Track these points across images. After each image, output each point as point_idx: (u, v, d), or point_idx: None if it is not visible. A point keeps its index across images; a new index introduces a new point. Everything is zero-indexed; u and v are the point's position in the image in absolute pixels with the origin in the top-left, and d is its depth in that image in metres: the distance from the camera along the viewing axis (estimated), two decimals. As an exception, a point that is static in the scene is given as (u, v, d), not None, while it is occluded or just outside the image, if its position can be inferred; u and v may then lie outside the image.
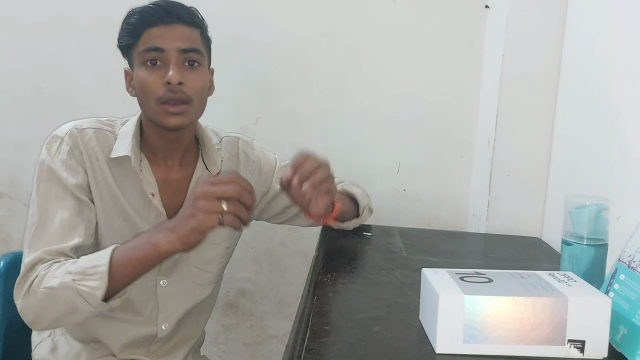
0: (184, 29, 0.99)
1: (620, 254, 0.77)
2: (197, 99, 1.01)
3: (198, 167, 1.09)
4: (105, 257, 0.86)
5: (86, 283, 0.85)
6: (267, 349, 1.64)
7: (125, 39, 1.01)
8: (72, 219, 0.96)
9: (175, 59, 0.97)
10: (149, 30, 0.98)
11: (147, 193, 1.04)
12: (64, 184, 0.98)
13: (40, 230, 0.95)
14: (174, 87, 0.96)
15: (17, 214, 1.60)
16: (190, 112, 1.00)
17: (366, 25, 1.49)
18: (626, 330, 0.70)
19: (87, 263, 0.87)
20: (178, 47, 0.98)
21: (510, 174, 1.44)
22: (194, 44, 1.00)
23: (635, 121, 1.01)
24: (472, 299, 0.68)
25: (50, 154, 0.99)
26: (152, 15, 0.98)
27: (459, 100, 1.49)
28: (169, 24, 0.98)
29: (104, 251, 0.88)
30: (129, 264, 0.86)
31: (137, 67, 0.99)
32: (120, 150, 1.02)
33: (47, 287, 0.87)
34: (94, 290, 0.85)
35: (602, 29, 1.19)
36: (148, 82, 0.97)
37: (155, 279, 1.08)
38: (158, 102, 0.97)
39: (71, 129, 1.02)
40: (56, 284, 0.87)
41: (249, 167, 1.18)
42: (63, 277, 0.87)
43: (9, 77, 1.56)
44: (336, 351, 0.70)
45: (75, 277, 0.86)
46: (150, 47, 0.97)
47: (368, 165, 1.53)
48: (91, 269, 0.86)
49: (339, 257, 1.11)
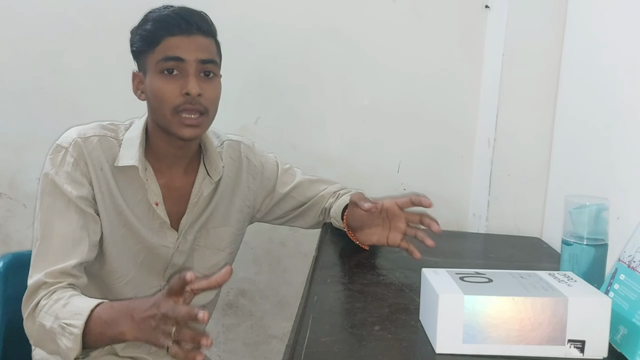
0: (203, 39, 1.00)
1: (620, 254, 0.77)
2: (213, 109, 1.02)
3: (200, 173, 1.09)
4: (82, 319, 0.84)
5: (64, 340, 0.85)
6: (267, 349, 1.64)
7: (140, 45, 1.00)
8: (75, 234, 0.96)
9: (194, 69, 0.98)
10: (168, 39, 0.98)
11: (152, 202, 1.04)
12: (67, 198, 0.97)
13: (44, 247, 0.95)
14: (194, 99, 0.97)
15: (17, 214, 1.60)
16: (206, 123, 1.01)
17: (366, 25, 1.49)
18: (626, 330, 0.70)
19: (69, 316, 0.86)
20: (197, 58, 0.98)
21: (510, 173, 1.44)
22: (211, 54, 1.01)
23: (635, 121, 1.01)
24: (472, 299, 0.68)
25: (55, 166, 0.98)
26: (172, 24, 0.98)
27: (459, 100, 1.49)
28: (189, 34, 0.98)
29: (84, 309, 0.85)
30: (99, 337, 0.85)
31: (153, 74, 0.99)
32: (126, 159, 1.01)
33: (42, 323, 0.89)
34: (69, 351, 0.85)
35: (602, 29, 1.19)
36: (165, 91, 0.97)
37: (160, 285, 1.09)
38: (174, 112, 0.98)
39: (75, 139, 1.00)
40: (48, 326, 0.88)
41: (250, 172, 1.19)
42: (53, 322, 0.87)
43: (9, 77, 1.56)
44: (336, 351, 0.70)
45: (58, 328, 0.86)
46: (169, 57, 0.97)
47: (368, 165, 1.53)
48: (69, 327, 0.85)
49: (339, 257, 1.11)
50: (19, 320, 0.94)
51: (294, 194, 1.23)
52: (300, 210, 1.25)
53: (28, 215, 1.59)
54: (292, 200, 1.24)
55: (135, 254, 1.06)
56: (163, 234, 1.07)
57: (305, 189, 1.24)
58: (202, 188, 1.09)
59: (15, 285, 1.06)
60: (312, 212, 1.25)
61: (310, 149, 1.54)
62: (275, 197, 1.22)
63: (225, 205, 1.14)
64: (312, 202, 1.24)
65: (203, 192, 1.09)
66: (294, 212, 1.25)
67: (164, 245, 1.07)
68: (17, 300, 0.96)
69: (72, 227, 0.96)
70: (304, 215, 1.26)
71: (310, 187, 1.25)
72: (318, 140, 1.54)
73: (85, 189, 0.99)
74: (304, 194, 1.24)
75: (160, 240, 1.06)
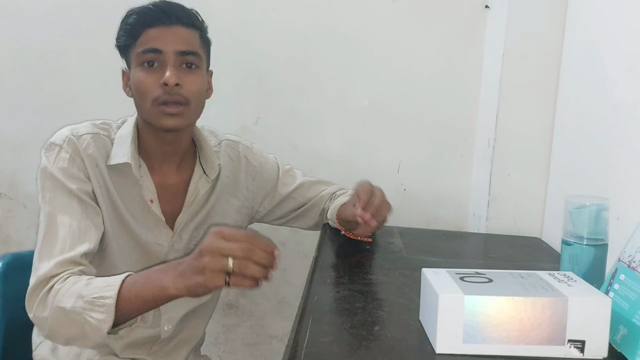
0: (183, 30, 0.99)
1: (620, 254, 0.77)
2: (195, 101, 1.00)
3: (196, 171, 1.09)
4: (114, 289, 0.82)
5: (93, 315, 0.82)
6: (267, 349, 1.64)
7: (123, 39, 1.00)
8: (81, 224, 0.95)
9: (173, 60, 0.97)
10: (147, 31, 0.97)
11: (146, 200, 1.04)
12: (68, 190, 0.97)
13: (50, 239, 0.93)
14: (171, 89, 0.96)
15: (17, 214, 1.60)
16: (187, 114, 1.00)
17: (366, 25, 1.49)
18: (626, 330, 0.70)
19: (97, 291, 0.83)
20: (176, 49, 0.97)
21: (510, 173, 1.44)
22: (192, 46, 1.00)
23: (635, 121, 1.01)
24: (472, 299, 0.68)
25: (50, 162, 0.98)
26: (151, 16, 0.98)
27: (459, 100, 1.49)
28: (167, 25, 0.98)
29: (115, 280, 0.84)
30: (135, 301, 0.83)
31: (134, 67, 0.99)
32: (119, 156, 1.01)
33: (59, 306, 0.85)
34: (101, 323, 0.82)
35: (602, 29, 1.19)
36: (145, 83, 0.97)
37: None
38: (154, 103, 0.97)
39: (68, 136, 1.00)
40: (68, 307, 0.84)
41: (249, 172, 1.19)
42: (75, 301, 0.84)
43: (9, 77, 1.56)
44: (336, 351, 0.70)
45: (85, 305, 0.83)
46: (148, 49, 0.97)
47: (368, 165, 1.53)
48: (99, 299, 0.83)
49: (339, 257, 1.11)
50: (19, 320, 0.93)
51: (294, 195, 1.24)
52: (301, 211, 1.26)
53: (28, 216, 1.59)
54: (292, 201, 1.24)
55: (131, 251, 1.05)
56: (158, 232, 1.06)
57: (305, 190, 1.25)
58: (198, 186, 1.09)
59: (15, 285, 1.06)
60: (312, 212, 1.26)
61: (310, 149, 1.54)
62: (276, 198, 1.23)
63: (223, 205, 1.14)
64: (312, 203, 1.25)
65: (200, 191, 1.09)
66: (294, 213, 1.26)
67: (158, 243, 1.06)
68: (17, 300, 0.95)
69: (77, 217, 0.95)
70: (304, 216, 1.26)
71: (311, 188, 1.26)
72: (318, 140, 1.54)
73: (84, 183, 0.98)
74: (304, 195, 1.25)
75: (155, 238, 1.06)
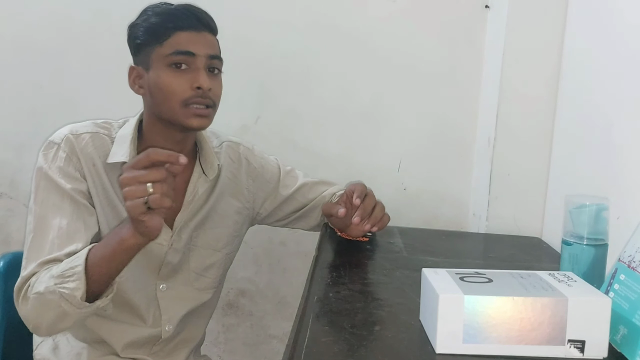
0: (210, 37, 1.03)
1: (620, 254, 0.77)
2: (218, 104, 1.04)
3: (195, 170, 1.10)
4: (81, 258, 0.87)
5: (66, 285, 0.86)
6: (267, 349, 1.64)
7: (145, 37, 1.01)
8: (70, 226, 0.96)
9: (204, 64, 1.00)
10: (178, 33, 0.99)
11: None
12: (62, 190, 0.97)
13: (38, 241, 0.95)
14: (204, 92, 0.99)
15: (17, 214, 1.60)
16: (212, 116, 1.03)
17: (366, 25, 1.49)
18: (626, 330, 0.70)
19: (66, 265, 0.88)
20: (207, 54, 1.00)
21: (510, 173, 1.44)
22: (218, 51, 1.04)
23: (635, 121, 1.01)
24: (472, 299, 0.68)
25: (47, 161, 0.99)
26: (183, 20, 1.00)
27: (459, 100, 1.49)
28: (199, 30, 1.01)
29: (81, 252, 0.89)
30: (102, 262, 0.87)
31: (159, 68, 1.00)
32: (118, 155, 1.02)
33: (35, 292, 0.89)
34: (73, 291, 0.85)
35: (602, 29, 1.19)
36: (174, 85, 0.98)
37: (155, 283, 1.08)
38: (183, 104, 0.99)
39: (67, 135, 1.01)
40: (42, 289, 0.88)
41: (250, 173, 1.19)
42: (47, 282, 0.88)
43: (10, 77, 1.56)
44: (336, 351, 0.70)
45: (57, 280, 0.87)
46: (180, 51, 0.98)
47: (368, 164, 1.53)
48: (69, 270, 0.86)
49: (339, 257, 1.11)
50: (20, 320, 0.94)
51: (296, 196, 1.24)
52: (302, 212, 1.26)
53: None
54: (294, 202, 1.25)
55: None
56: None
57: (307, 191, 1.25)
58: (197, 186, 1.09)
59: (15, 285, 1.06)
60: (314, 213, 1.26)
61: (310, 148, 1.54)
62: (277, 199, 1.23)
63: (223, 206, 1.14)
64: (313, 204, 1.25)
65: (198, 190, 1.09)
66: (296, 214, 1.26)
67: (157, 242, 1.06)
68: (17, 300, 0.95)
69: (67, 219, 0.96)
70: (306, 217, 1.26)
71: (312, 188, 1.26)
72: (318, 139, 1.54)
73: (79, 183, 0.99)
74: (306, 196, 1.25)
75: None
